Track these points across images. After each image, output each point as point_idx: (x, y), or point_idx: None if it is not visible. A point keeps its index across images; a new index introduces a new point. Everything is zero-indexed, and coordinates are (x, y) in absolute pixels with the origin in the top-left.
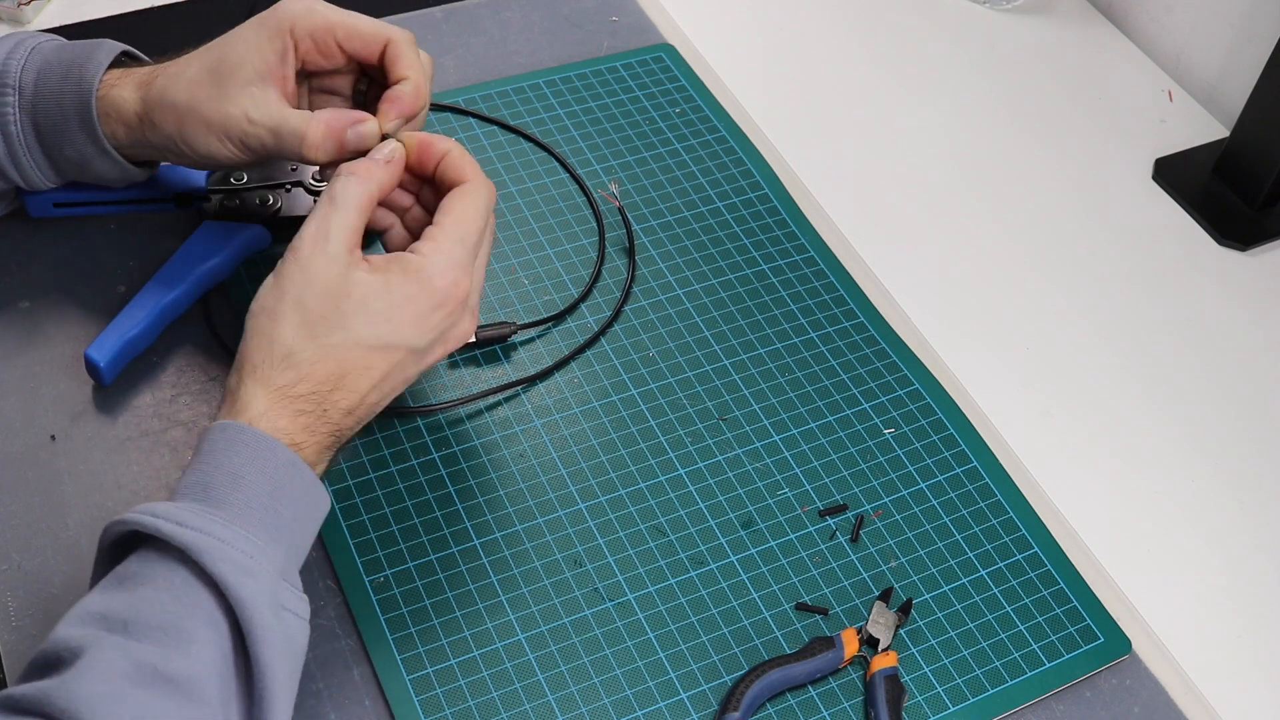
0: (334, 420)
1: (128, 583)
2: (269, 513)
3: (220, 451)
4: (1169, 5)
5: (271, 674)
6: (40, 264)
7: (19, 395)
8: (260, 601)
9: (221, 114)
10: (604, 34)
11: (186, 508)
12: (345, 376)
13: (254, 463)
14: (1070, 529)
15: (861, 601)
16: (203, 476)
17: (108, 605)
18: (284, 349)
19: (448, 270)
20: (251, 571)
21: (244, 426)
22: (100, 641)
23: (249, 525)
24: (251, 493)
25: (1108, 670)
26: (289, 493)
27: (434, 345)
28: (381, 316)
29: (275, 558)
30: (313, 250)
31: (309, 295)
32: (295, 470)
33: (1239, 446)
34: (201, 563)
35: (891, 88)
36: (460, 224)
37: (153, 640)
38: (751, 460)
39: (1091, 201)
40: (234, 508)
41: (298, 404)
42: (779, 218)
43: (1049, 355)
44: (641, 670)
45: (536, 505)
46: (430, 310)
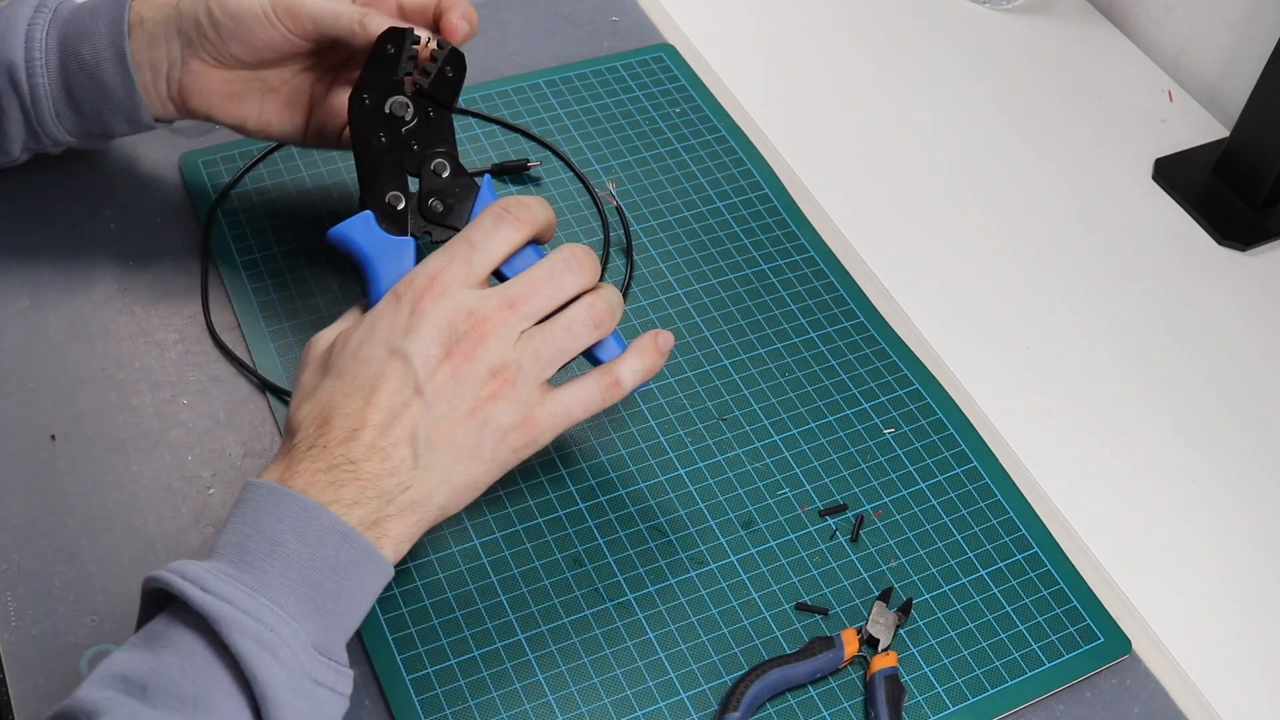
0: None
1: (152, 644)
2: (305, 583)
3: (262, 515)
4: (1169, 5)
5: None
6: (40, 264)
7: (19, 395)
8: (277, 679)
9: None
10: (604, 34)
11: (217, 570)
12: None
13: (296, 531)
14: (1070, 529)
15: (861, 601)
16: (240, 538)
17: (130, 666)
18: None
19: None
20: (271, 646)
21: (287, 490)
22: (116, 708)
23: (279, 595)
24: (289, 561)
25: (1108, 670)
26: (333, 562)
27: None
28: (356, 339)
29: (306, 630)
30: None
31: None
32: (344, 539)
33: (1239, 446)
34: (219, 632)
35: (891, 88)
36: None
37: (168, 707)
38: (751, 460)
39: (1091, 201)
40: (267, 575)
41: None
42: (779, 218)
43: (1049, 355)
44: (641, 670)
45: (536, 505)
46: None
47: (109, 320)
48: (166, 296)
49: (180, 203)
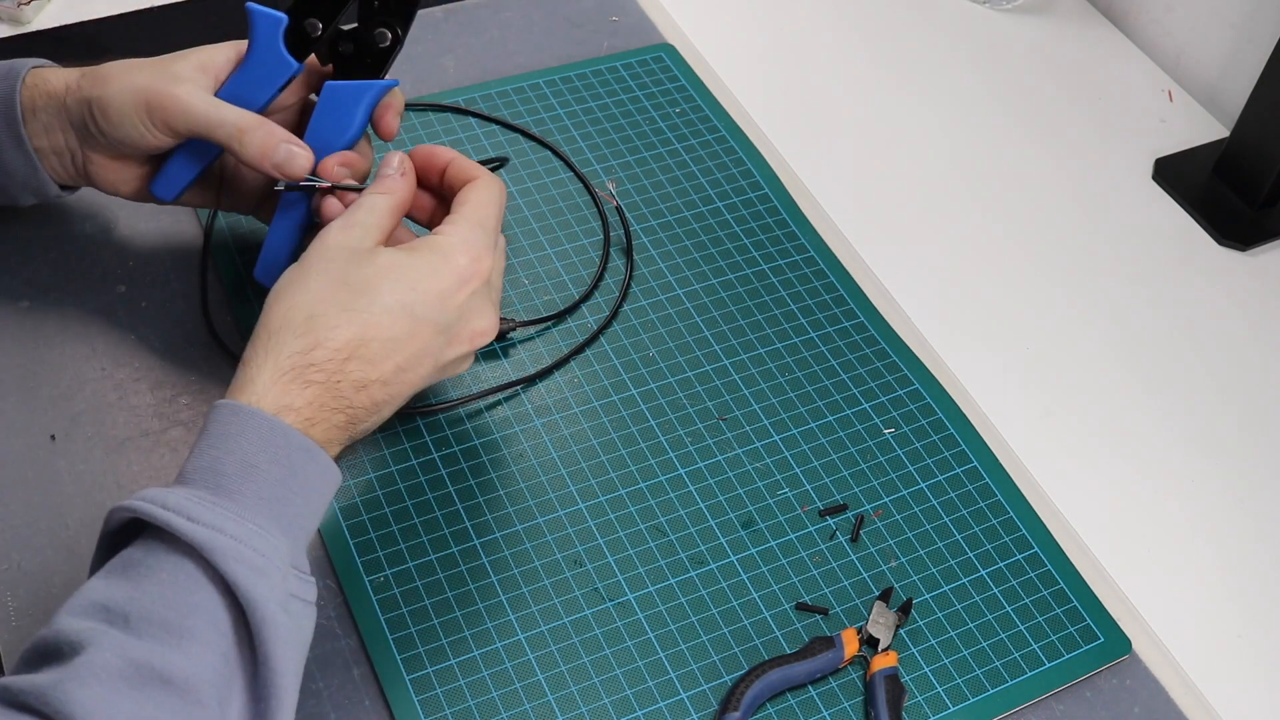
0: (346, 395)
1: (131, 572)
2: (281, 503)
3: (232, 436)
4: (1169, 5)
5: (281, 670)
6: (40, 264)
7: (19, 395)
8: (271, 601)
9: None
10: (604, 34)
11: (196, 498)
12: (364, 345)
13: (267, 450)
14: (1070, 529)
15: (861, 601)
16: (213, 462)
17: (110, 595)
18: (304, 312)
19: (468, 248)
20: (263, 570)
21: (255, 410)
22: (100, 638)
23: (261, 518)
24: (264, 482)
25: (1108, 670)
26: (301, 480)
27: (456, 330)
28: (406, 284)
29: (285, 547)
30: (340, 236)
31: (334, 267)
32: (309, 457)
33: (1239, 446)
34: (213, 562)
35: (891, 88)
36: (476, 210)
37: (153, 637)
38: (751, 460)
39: (1091, 201)
40: (246, 499)
41: (309, 373)
42: (779, 218)
43: (1049, 355)
44: (641, 670)
45: (536, 505)
46: (453, 285)
47: (109, 320)
48: (166, 296)
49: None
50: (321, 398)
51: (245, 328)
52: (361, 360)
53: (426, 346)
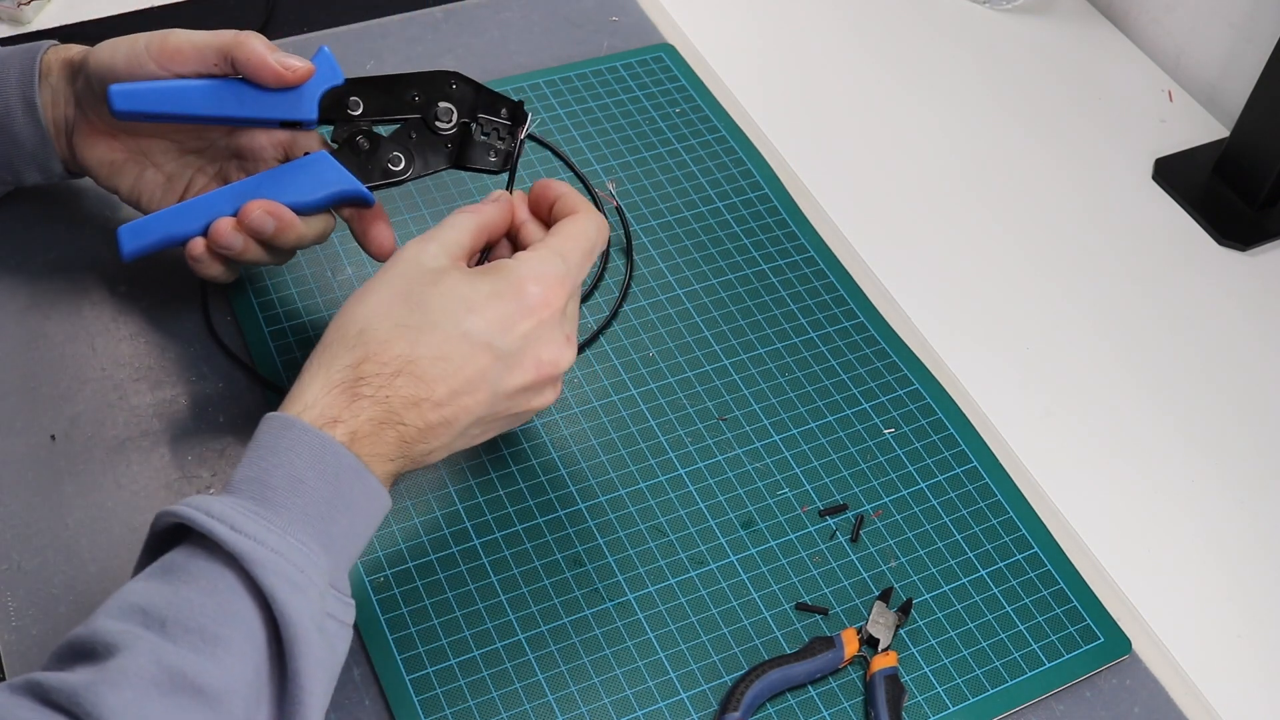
0: (397, 412)
1: (171, 577)
2: (325, 521)
3: (282, 450)
4: (1169, 5)
5: (309, 688)
6: (40, 264)
7: (19, 395)
8: (306, 617)
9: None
10: (604, 34)
11: (241, 507)
12: (414, 362)
13: (316, 466)
14: (1070, 529)
15: (861, 601)
16: (260, 473)
17: (149, 598)
18: (358, 325)
19: (541, 278)
20: (301, 586)
21: (305, 425)
22: (135, 642)
23: (304, 534)
24: (310, 499)
25: (1108, 670)
26: (348, 500)
27: (519, 359)
28: (465, 306)
29: (326, 566)
30: (414, 249)
31: (399, 282)
32: (358, 477)
33: (1239, 446)
34: (253, 574)
35: (891, 88)
36: (563, 241)
37: (188, 644)
38: (751, 460)
39: (1091, 201)
40: (291, 513)
41: (359, 387)
42: (779, 218)
43: (1049, 355)
44: (641, 670)
45: (536, 505)
46: (517, 313)
47: (109, 320)
48: (166, 296)
49: None
50: (370, 411)
51: (245, 328)
52: (411, 377)
53: (483, 372)
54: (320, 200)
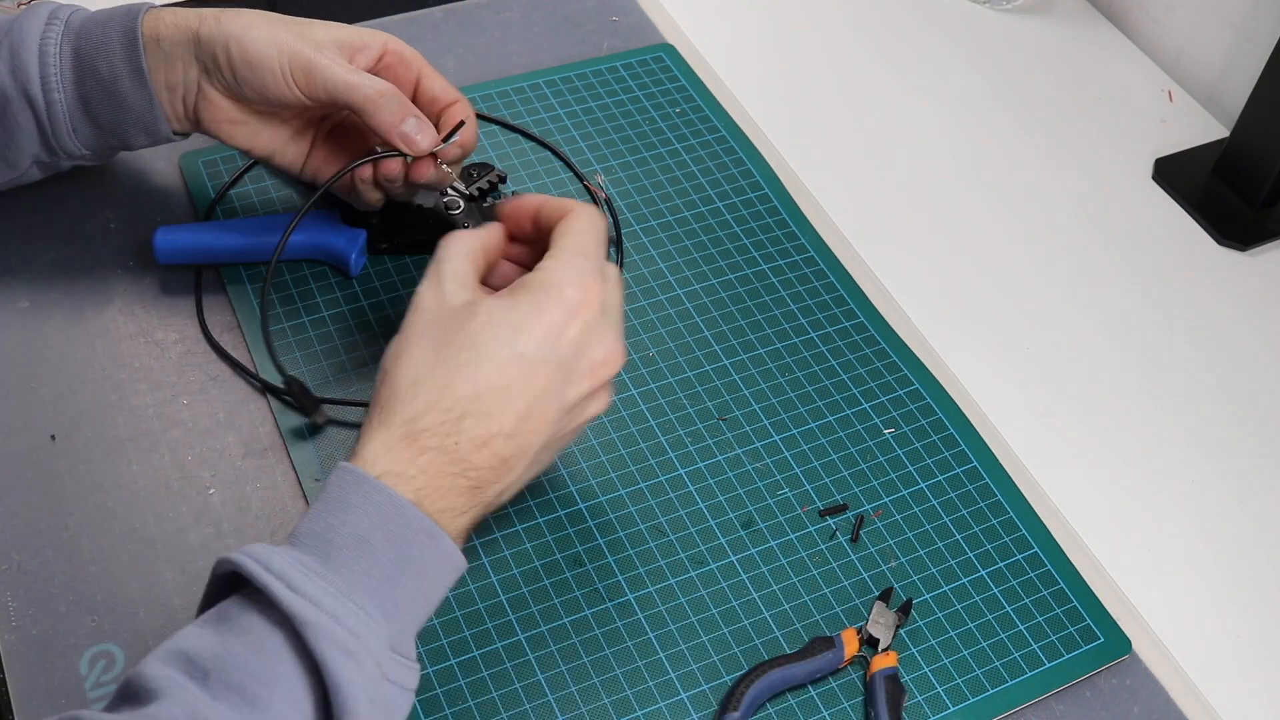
0: (466, 457)
1: (222, 627)
2: (390, 584)
3: (352, 507)
4: (1169, 5)
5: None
6: (40, 264)
7: (19, 395)
8: (358, 687)
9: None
10: (604, 34)
11: (302, 564)
12: (478, 399)
13: (383, 526)
14: (1070, 529)
15: (861, 601)
16: (325, 529)
17: (197, 646)
18: (410, 379)
19: (574, 279)
20: (355, 654)
21: (376, 482)
22: (174, 692)
23: (365, 598)
24: (375, 561)
25: (1108, 670)
26: (417, 563)
27: (574, 366)
28: (511, 328)
29: (386, 632)
30: (430, 294)
31: (434, 329)
32: (430, 540)
33: (1239, 446)
34: (305, 638)
35: (891, 88)
36: (575, 239)
37: (227, 701)
38: (751, 460)
39: (1091, 201)
40: (352, 574)
41: (422, 439)
42: (779, 218)
43: (1049, 355)
44: (641, 670)
45: (536, 505)
46: (563, 319)
47: (109, 320)
48: (166, 296)
49: (180, 203)
50: (437, 464)
51: (245, 328)
52: (477, 416)
53: (546, 388)
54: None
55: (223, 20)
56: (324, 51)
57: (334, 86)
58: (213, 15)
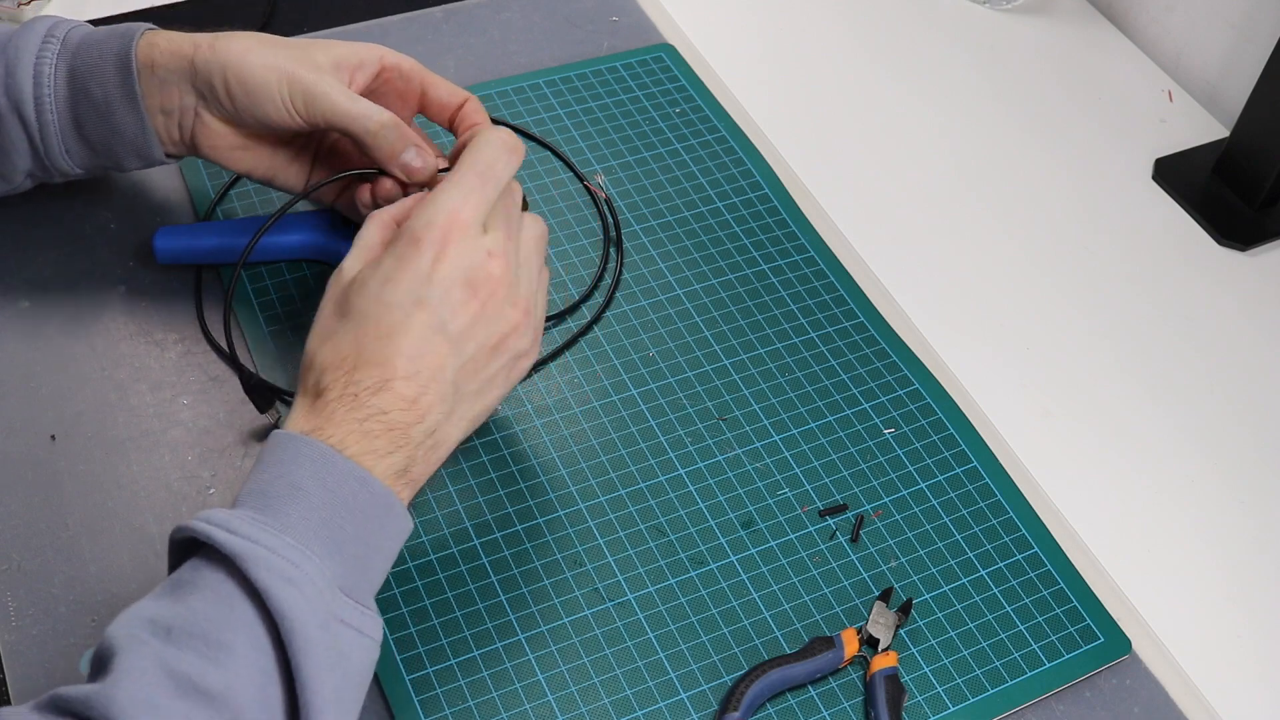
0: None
1: (179, 590)
2: (329, 525)
3: (281, 462)
4: (1169, 5)
5: (315, 686)
6: (40, 264)
7: (19, 395)
8: (302, 612)
9: (293, 60)
10: (604, 34)
11: (241, 515)
12: (362, 351)
13: (315, 476)
14: (1070, 529)
15: (861, 602)
16: (262, 485)
17: (156, 610)
18: (309, 357)
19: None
20: (295, 581)
21: (304, 437)
22: (139, 647)
23: (302, 536)
24: (309, 504)
25: (1108, 670)
26: (350, 505)
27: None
28: (379, 282)
29: (330, 570)
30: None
31: (328, 305)
32: (362, 485)
33: (1239, 446)
34: (244, 570)
35: (891, 88)
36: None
37: (192, 650)
38: (751, 460)
39: (1091, 201)
40: (290, 518)
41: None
42: (779, 218)
43: (1049, 355)
44: (641, 670)
45: (536, 505)
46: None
47: (109, 320)
48: (166, 296)
49: (180, 203)
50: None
51: (245, 328)
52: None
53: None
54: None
55: (218, 47)
56: (323, 77)
57: (334, 115)
58: (207, 42)
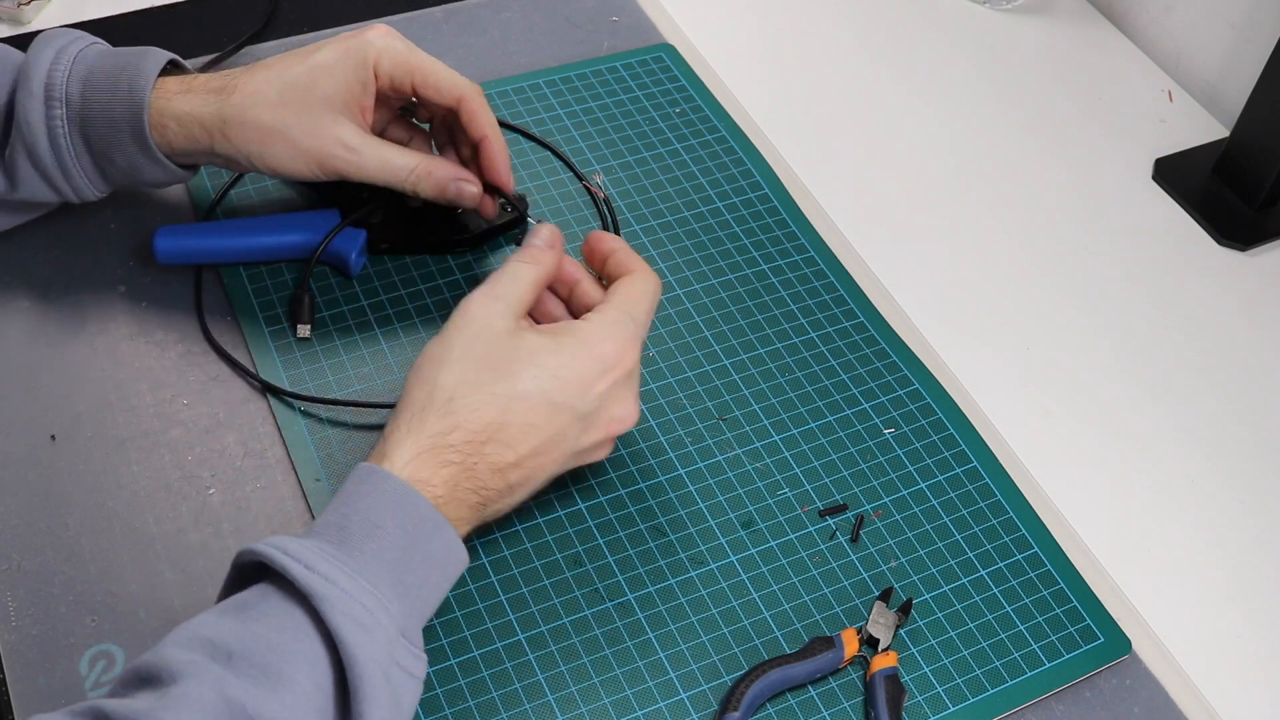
0: (481, 478)
1: (243, 613)
2: (400, 568)
3: (363, 496)
4: (1169, 5)
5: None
6: (40, 264)
7: (19, 395)
8: (372, 661)
9: (314, 140)
10: (604, 34)
11: (317, 548)
12: (504, 429)
13: (394, 514)
14: (1070, 529)
15: (861, 601)
16: (340, 518)
17: (218, 631)
18: (446, 394)
19: (614, 338)
20: (368, 628)
21: (389, 474)
22: (199, 672)
23: (376, 578)
24: (385, 544)
25: (1108, 670)
26: (424, 549)
27: (594, 419)
28: (549, 372)
29: (397, 614)
30: (483, 309)
31: (478, 346)
32: (436, 528)
33: (1239, 446)
34: (320, 611)
35: (891, 88)
36: (628, 300)
37: (250, 678)
38: (751, 460)
39: (1091, 201)
40: (364, 556)
41: (447, 454)
42: (779, 218)
43: (1049, 355)
44: (641, 670)
45: (537, 505)
46: (596, 373)
47: (109, 320)
48: (166, 296)
49: (180, 203)
50: (456, 478)
51: (245, 328)
52: (499, 444)
53: (563, 432)
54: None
55: (232, 137)
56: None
57: (367, 175)
58: (220, 132)
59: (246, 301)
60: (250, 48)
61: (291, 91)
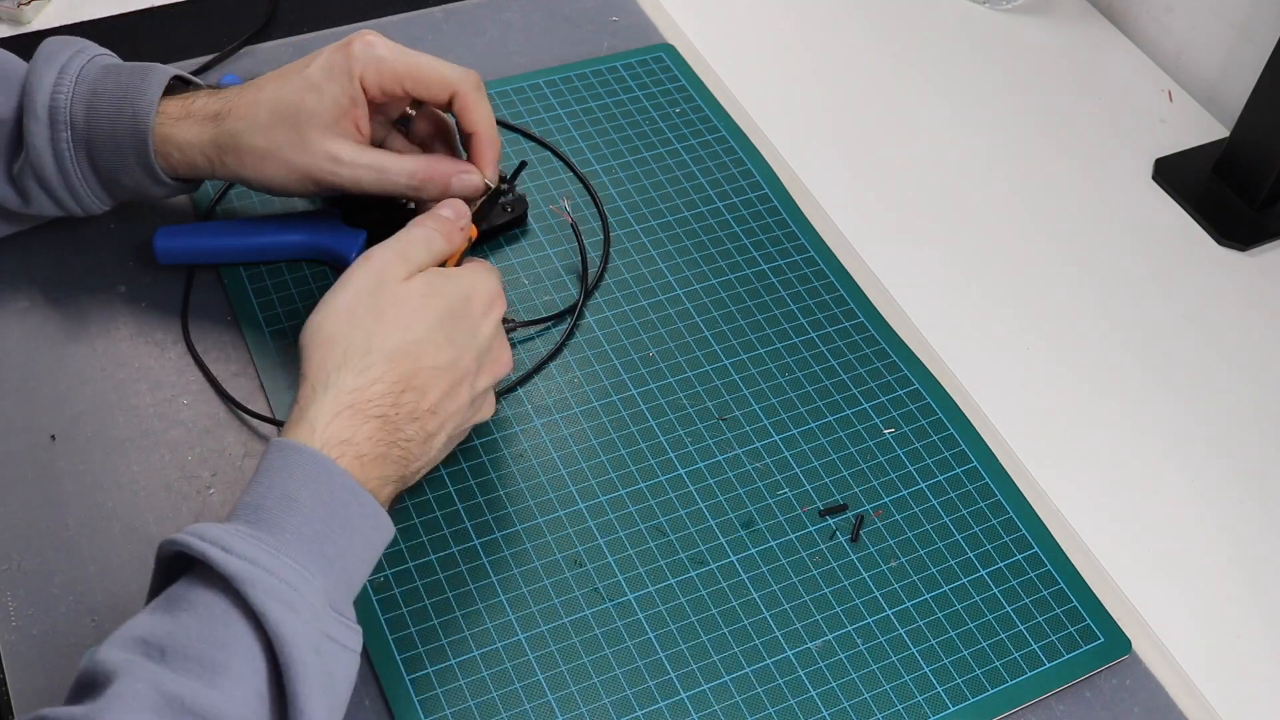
0: (402, 428)
1: (172, 607)
2: (322, 540)
3: (277, 472)
4: (1169, 5)
5: (310, 712)
6: (40, 264)
7: (19, 395)
8: (300, 637)
9: (306, 158)
10: (604, 34)
11: (236, 531)
12: (416, 375)
13: (310, 486)
14: (1070, 529)
15: (861, 602)
16: (256, 498)
17: (150, 629)
18: (363, 348)
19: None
20: (294, 605)
21: (301, 446)
22: (133, 669)
23: (298, 554)
24: (305, 518)
25: (1108, 670)
26: (344, 519)
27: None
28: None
29: (323, 588)
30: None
31: (382, 299)
32: (353, 496)
33: (1240, 446)
34: (243, 593)
35: (891, 88)
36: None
37: (186, 671)
38: (751, 460)
39: (1091, 201)
40: (285, 534)
41: (368, 409)
42: (779, 218)
43: (1049, 355)
44: (641, 670)
45: (536, 505)
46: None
47: (109, 320)
48: (167, 297)
49: (180, 203)
50: (379, 432)
51: (245, 328)
52: (414, 391)
53: (466, 372)
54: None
55: (229, 163)
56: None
57: (366, 189)
58: (219, 159)
59: (246, 302)
60: (250, 48)
61: (282, 112)
